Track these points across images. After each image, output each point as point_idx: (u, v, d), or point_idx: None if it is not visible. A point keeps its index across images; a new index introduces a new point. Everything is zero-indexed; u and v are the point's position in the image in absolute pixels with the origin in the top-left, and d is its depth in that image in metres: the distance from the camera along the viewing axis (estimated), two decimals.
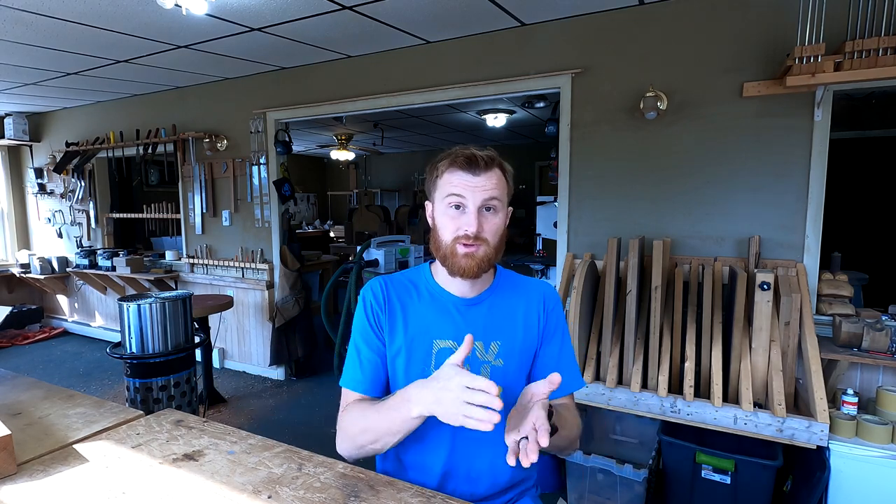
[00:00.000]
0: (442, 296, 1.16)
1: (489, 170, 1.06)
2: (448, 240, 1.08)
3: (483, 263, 1.07)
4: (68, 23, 2.83)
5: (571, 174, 3.01)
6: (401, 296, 1.18)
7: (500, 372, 1.13)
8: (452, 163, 1.07)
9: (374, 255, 3.97)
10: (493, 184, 1.06)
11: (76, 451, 1.19)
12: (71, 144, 5.25)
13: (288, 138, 4.18)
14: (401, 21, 2.95)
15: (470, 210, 1.05)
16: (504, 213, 1.10)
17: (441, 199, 1.08)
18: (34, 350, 5.35)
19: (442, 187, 1.08)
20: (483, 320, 1.15)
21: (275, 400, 3.97)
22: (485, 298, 1.16)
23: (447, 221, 1.08)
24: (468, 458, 1.14)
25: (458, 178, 1.05)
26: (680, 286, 2.55)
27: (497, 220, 1.08)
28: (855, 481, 2.04)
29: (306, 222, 10.31)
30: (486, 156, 1.06)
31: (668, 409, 2.25)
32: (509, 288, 1.19)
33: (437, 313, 1.15)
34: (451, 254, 1.07)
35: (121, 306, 2.57)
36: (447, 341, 1.13)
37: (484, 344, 1.13)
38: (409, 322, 1.15)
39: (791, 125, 2.47)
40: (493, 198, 1.06)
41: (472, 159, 1.05)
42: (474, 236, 1.04)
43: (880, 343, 2.20)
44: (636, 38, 2.77)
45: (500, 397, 0.82)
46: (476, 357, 1.12)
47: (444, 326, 1.14)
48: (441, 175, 1.09)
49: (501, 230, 1.09)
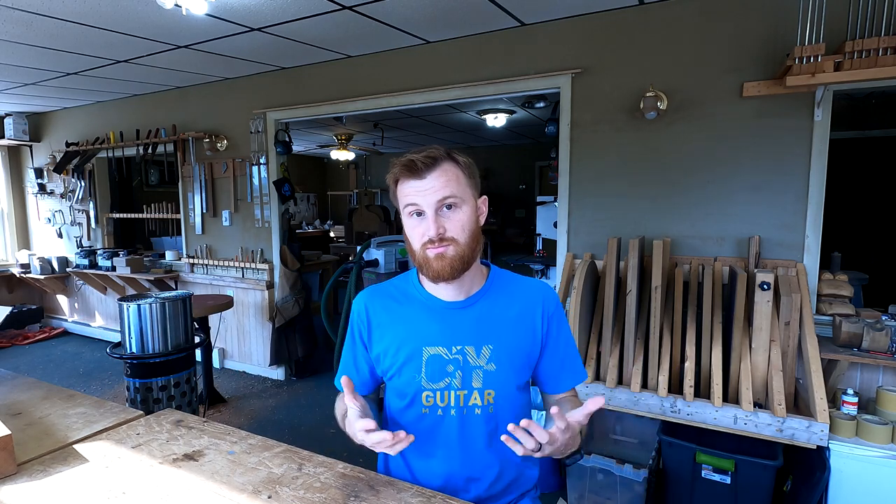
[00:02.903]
0: (430, 301, 1.15)
1: (434, 169, 1.03)
2: (417, 247, 1.07)
3: (456, 262, 1.04)
4: (68, 23, 2.83)
5: (571, 174, 3.01)
6: (388, 306, 1.18)
7: (491, 376, 1.11)
8: (398, 173, 1.06)
9: (374, 255, 3.96)
10: (443, 182, 1.03)
11: (76, 451, 1.19)
12: (71, 144, 5.25)
13: (288, 138, 4.18)
14: (400, 21, 2.95)
15: (428, 214, 1.03)
16: (468, 205, 1.06)
17: (402, 210, 1.08)
18: (34, 350, 5.35)
19: (400, 199, 1.07)
20: (473, 324, 1.12)
21: (275, 400, 3.97)
22: (475, 301, 1.14)
23: (411, 230, 1.07)
24: (471, 459, 1.14)
25: (408, 187, 1.04)
26: (680, 286, 2.55)
27: (460, 216, 1.05)
28: (855, 481, 2.04)
29: (306, 222, 10.31)
30: (426, 157, 1.03)
31: (668, 408, 2.25)
32: (503, 289, 1.17)
33: (426, 319, 1.14)
34: (424, 260, 1.06)
35: (121, 306, 2.57)
36: (437, 347, 1.11)
37: (475, 348, 1.11)
38: (398, 331, 1.15)
39: (791, 125, 2.47)
40: (448, 196, 1.03)
41: (412, 165, 1.02)
42: (438, 238, 1.03)
43: (880, 343, 2.20)
44: (636, 38, 2.77)
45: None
46: (468, 362, 1.11)
47: (433, 333, 1.12)
48: (395, 187, 1.08)
49: (469, 225, 1.06)
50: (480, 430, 1.12)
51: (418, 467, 1.16)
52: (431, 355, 1.11)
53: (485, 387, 1.11)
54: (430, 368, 1.11)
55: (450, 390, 1.11)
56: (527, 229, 8.22)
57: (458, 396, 1.11)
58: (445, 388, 1.11)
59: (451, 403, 1.11)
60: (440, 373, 1.11)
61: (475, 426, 1.12)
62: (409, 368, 1.12)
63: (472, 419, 1.12)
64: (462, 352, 1.11)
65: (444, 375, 1.11)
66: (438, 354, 1.11)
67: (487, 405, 1.12)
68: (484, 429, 1.13)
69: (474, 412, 1.12)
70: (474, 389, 1.11)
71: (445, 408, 1.12)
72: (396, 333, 1.14)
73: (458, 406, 1.11)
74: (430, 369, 1.11)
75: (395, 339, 1.14)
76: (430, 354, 1.11)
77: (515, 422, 1.15)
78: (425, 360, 1.11)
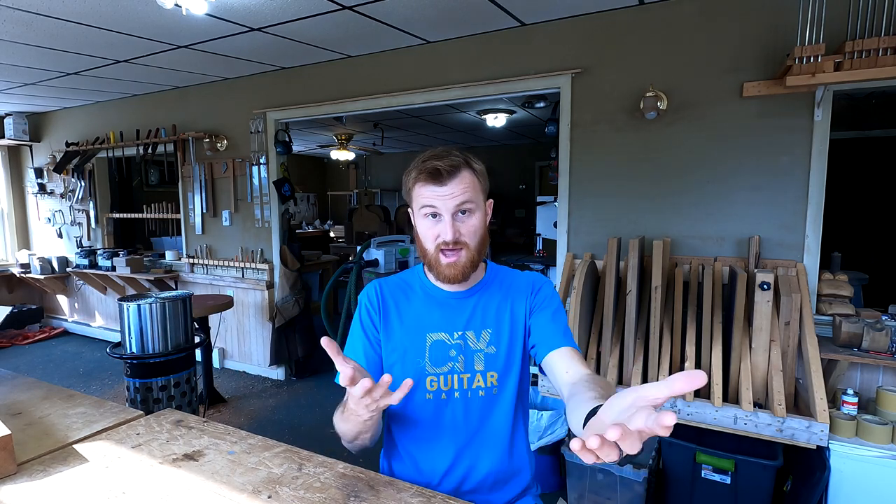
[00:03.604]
0: (434, 291, 1.20)
1: (455, 176, 1.07)
2: (430, 248, 1.11)
3: (467, 268, 1.11)
4: (68, 23, 2.83)
5: (571, 174, 3.01)
6: (395, 296, 1.22)
7: (492, 358, 1.17)
8: (418, 177, 1.09)
9: (374, 255, 3.97)
10: (462, 188, 1.07)
11: (76, 451, 1.19)
12: (71, 144, 5.25)
13: (288, 138, 4.18)
14: (401, 21, 2.95)
15: (445, 219, 1.08)
16: (480, 211, 1.12)
17: (417, 210, 1.12)
18: (34, 350, 5.35)
19: (415, 199, 1.12)
20: (473, 311, 1.18)
21: (275, 400, 3.97)
22: (475, 292, 1.20)
23: (425, 230, 1.11)
24: (472, 459, 1.16)
25: (428, 191, 1.08)
26: (680, 286, 2.55)
27: (473, 221, 1.10)
28: (855, 481, 2.04)
29: (306, 222, 10.31)
30: (449, 165, 1.07)
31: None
32: (499, 281, 1.23)
33: (430, 308, 1.19)
34: (436, 262, 1.11)
35: (121, 306, 2.57)
36: (440, 333, 1.17)
37: (475, 333, 1.17)
38: (404, 319, 1.20)
39: (791, 125, 2.47)
40: (465, 202, 1.08)
41: (436, 172, 1.06)
42: (453, 241, 1.08)
43: (880, 343, 2.20)
44: (636, 38, 2.77)
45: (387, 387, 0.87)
46: (469, 346, 1.16)
47: (436, 319, 1.18)
48: (412, 188, 1.12)
49: (480, 229, 1.12)
50: (485, 411, 1.16)
51: (422, 455, 1.18)
52: (435, 341, 1.17)
53: (487, 369, 1.16)
54: (433, 353, 1.16)
55: (453, 374, 1.16)
56: (527, 229, 8.22)
57: (461, 380, 1.16)
58: (449, 373, 1.16)
59: (455, 386, 1.16)
60: (443, 357, 1.16)
61: (479, 408, 1.16)
62: (413, 354, 1.16)
63: (476, 401, 1.16)
64: (463, 336, 1.17)
65: (447, 360, 1.16)
66: (441, 340, 1.17)
67: (491, 387, 1.16)
68: (488, 410, 1.17)
69: (478, 394, 1.16)
70: (477, 372, 1.16)
71: (449, 391, 1.16)
72: (403, 322, 1.19)
73: (461, 389, 1.16)
74: (433, 354, 1.16)
75: (401, 326, 1.19)
76: (433, 340, 1.17)
77: (516, 403, 1.18)
78: (429, 346, 1.17)
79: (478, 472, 1.17)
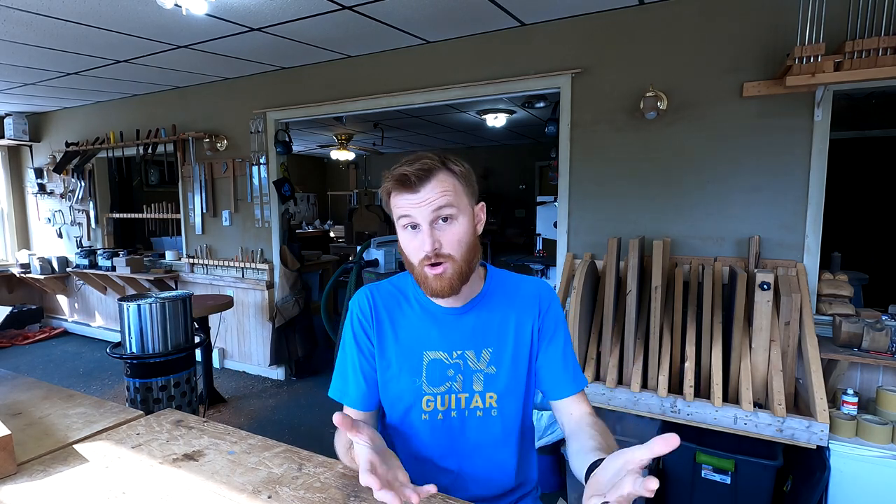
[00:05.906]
0: (430, 306, 1.13)
1: (429, 181, 0.99)
2: (415, 262, 1.04)
3: (454, 281, 1.02)
4: (68, 23, 2.83)
5: (571, 174, 3.01)
6: (389, 306, 1.15)
7: (492, 378, 1.11)
8: (391, 187, 1.02)
9: (374, 255, 3.97)
10: (438, 193, 0.99)
11: (76, 451, 1.19)
12: (71, 144, 5.24)
13: (288, 138, 4.18)
14: (401, 21, 2.95)
15: (423, 228, 1.00)
16: (465, 217, 1.03)
17: (396, 222, 1.05)
18: (34, 350, 5.35)
19: (393, 210, 1.04)
20: (473, 329, 1.11)
21: (275, 400, 3.97)
22: (474, 306, 1.12)
23: (407, 243, 1.04)
24: (474, 460, 1.14)
25: (402, 200, 1.01)
26: (680, 286, 2.55)
27: (456, 229, 1.01)
28: (855, 481, 2.04)
29: (306, 222, 10.31)
30: (419, 169, 0.98)
31: (668, 409, 2.25)
32: (501, 291, 1.15)
33: (426, 324, 1.12)
34: (423, 278, 1.04)
35: (121, 306, 2.57)
36: (437, 352, 1.11)
37: (475, 353, 1.11)
38: (399, 333, 1.13)
39: (791, 125, 2.47)
40: (443, 206, 0.99)
41: (405, 179, 0.98)
42: (434, 254, 1.00)
43: (880, 343, 2.20)
44: (636, 38, 2.77)
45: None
46: (469, 366, 1.11)
47: (434, 338, 1.11)
48: (389, 199, 1.04)
49: (466, 238, 1.02)
50: (482, 432, 1.12)
51: (421, 471, 1.15)
52: (432, 360, 1.11)
53: (486, 390, 1.11)
54: (430, 373, 1.10)
55: (451, 394, 1.10)
56: (527, 229, 8.22)
57: (458, 399, 1.11)
58: (447, 392, 1.10)
59: (452, 406, 1.11)
60: (441, 377, 1.10)
61: (477, 429, 1.12)
62: (409, 372, 1.11)
63: (474, 421, 1.12)
64: (462, 356, 1.10)
65: (445, 380, 1.10)
66: (439, 359, 1.10)
67: (490, 408, 1.11)
68: (486, 431, 1.12)
69: (476, 415, 1.11)
70: (475, 393, 1.11)
71: (446, 411, 1.11)
72: (398, 337, 1.13)
73: (459, 409, 1.11)
74: (430, 373, 1.10)
75: (396, 342, 1.13)
76: (430, 359, 1.10)
77: (518, 424, 1.15)
78: (426, 365, 1.11)
79: (478, 491, 1.14)
